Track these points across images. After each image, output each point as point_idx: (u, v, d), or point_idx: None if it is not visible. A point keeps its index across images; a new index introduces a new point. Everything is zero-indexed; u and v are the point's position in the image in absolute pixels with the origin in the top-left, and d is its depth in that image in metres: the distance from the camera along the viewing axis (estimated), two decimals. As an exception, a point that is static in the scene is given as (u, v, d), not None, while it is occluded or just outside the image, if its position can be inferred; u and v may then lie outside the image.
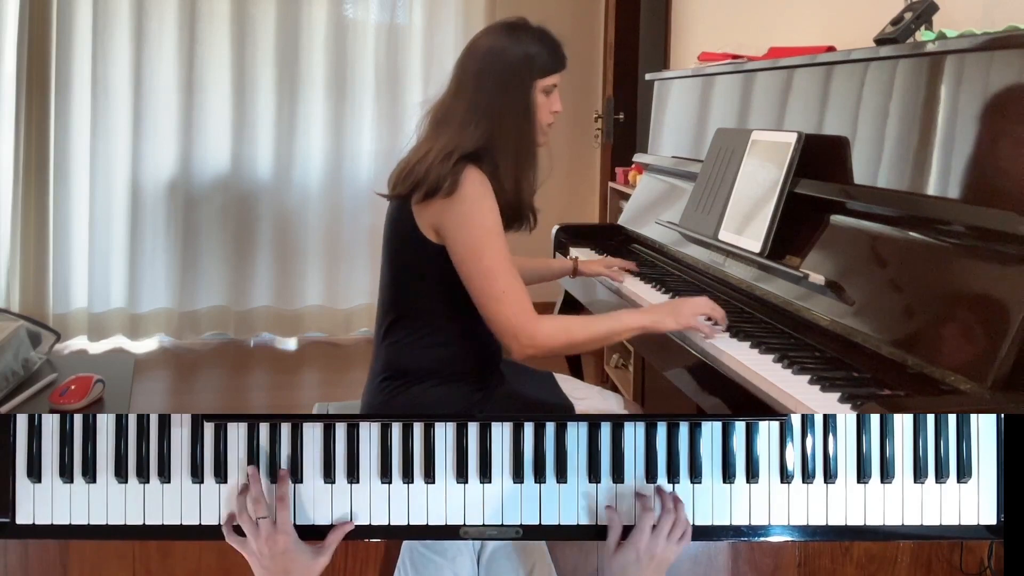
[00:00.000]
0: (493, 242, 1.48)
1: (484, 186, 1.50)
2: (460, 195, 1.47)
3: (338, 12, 4.14)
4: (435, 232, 1.53)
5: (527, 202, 1.59)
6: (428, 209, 1.51)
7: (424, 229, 1.53)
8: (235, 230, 4.14)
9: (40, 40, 3.75)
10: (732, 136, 2.01)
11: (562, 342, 1.51)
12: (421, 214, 1.53)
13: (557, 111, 1.61)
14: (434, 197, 1.48)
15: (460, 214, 1.48)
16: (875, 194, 1.54)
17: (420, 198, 1.50)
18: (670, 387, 1.83)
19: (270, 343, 4.27)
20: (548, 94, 1.59)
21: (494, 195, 1.51)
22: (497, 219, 1.50)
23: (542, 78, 1.57)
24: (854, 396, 1.25)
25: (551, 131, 1.65)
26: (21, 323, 1.99)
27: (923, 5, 1.64)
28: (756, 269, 1.76)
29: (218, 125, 4.06)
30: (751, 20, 2.83)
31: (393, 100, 4.17)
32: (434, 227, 1.52)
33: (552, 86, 1.59)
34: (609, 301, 2.07)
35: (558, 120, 1.66)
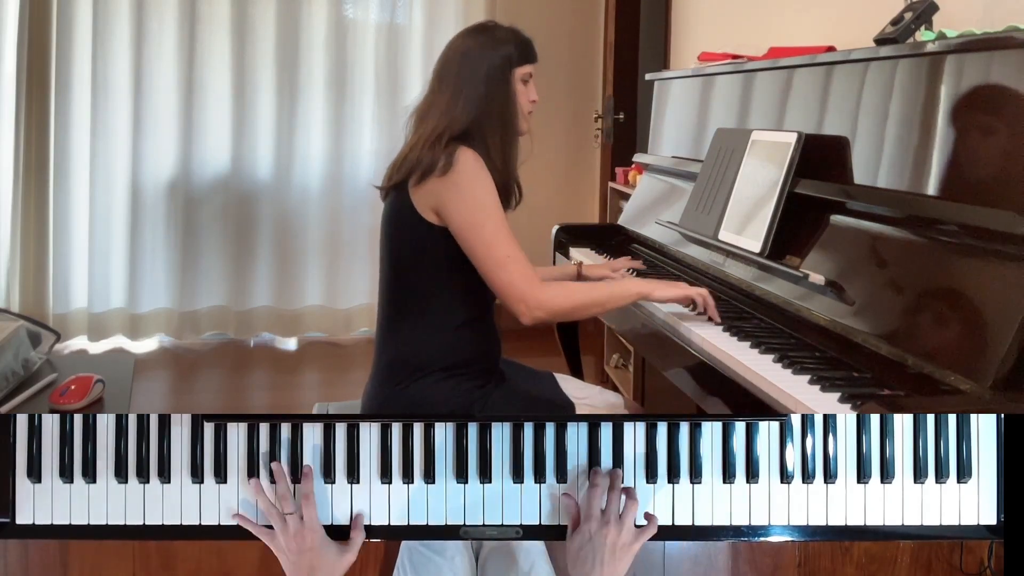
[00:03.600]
0: (493, 213, 1.53)
1: (478, 162, 1.55)
2: (456, 172, 1.52)
3: (338, 12, 4.13)
4: (434, 213, 1.56)
5: (514, 177, 1.66)
6: (426, 191, 1.55)
7: (423, 211, 1.57)
8: (235, 230, 4.14)
9: (40, 40, 3.75)
10: (732, 136, 2.00)
11: (567, 304, 1.56)
12: (419, 197, 1.56)
13: (534, 100, 1.67)
14: (430, 177, 1.53)
15: (458, 190, 1.53)
16: (875, 194, 1.54)
17: (417, 180, 1.55)
18: (670, 387, 1.83)
19: (270, 343, 4.27)
20: (525, 83, 1.66)
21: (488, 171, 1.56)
22: (494, 192, 1.56)
23: (519, 66, 1.64)
24: (854, 396, 1.25)
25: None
26: (21, 323, 1.99)
27: (923, 5, 1.64)
28: (756, 269, 1.76)
29: (218, 125, 4.06)
30: (751, 20, 2.83)
31: (393, 100, 4.17)
32: (433, 208, 1.56)
33: (528, 75, 1.66)
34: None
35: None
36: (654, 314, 1.77)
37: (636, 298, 1.64)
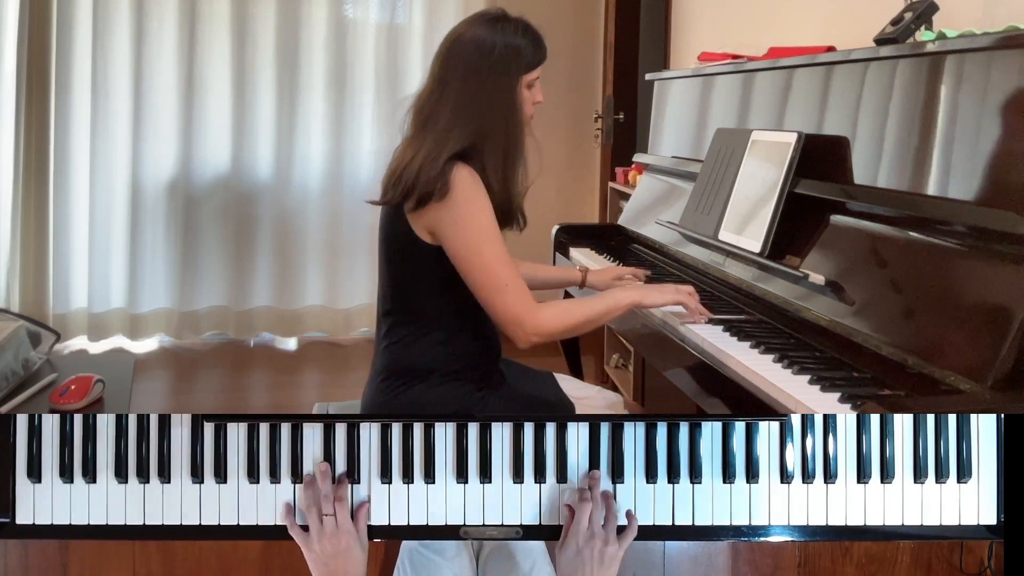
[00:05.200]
0: (490, 237, 1.50)
1: (475, 183, 1.50)
2: (453, 196, 1.47)
3: (338, 12, 4.13)
4: (430, 235, 1.53)
5: (516, 202, 1.59)
6: (422, 214, 1.51)
7: (419, 232, 1.54)
8: (235, 230, 4.14)
9: (40, 40, 3.75)
10: (732, 136, 2.00)
11: (564, 325, 1.54)
12: (415, 219, 1.53)
13: (539, 101, 1.61)
14: (427, 204, 1.48)
15: (455, 215, 1.49)
16: (875, 194, 1.54)
17: (413, 206, 1.50)
18: (670, 387, 1.83)
19: (270, 343, 4.27)
20: (531, 87, 1.59)
21: (485, 191, 1.51)
22: (491, 214, 1.51)
23: (527, 72, 1.57)
24: (854, 396, 1.25)
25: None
26: (21, 323, 1.99)
27: (923, 5, 1.64)
28: (756, 269, 1.76)
29: (218, 125, 4.05)
30: (751, 20, 2.83)
31: (393, 100, 4.16)
32: (429, 230, 1.53)
33: (535, 79, 1.59)
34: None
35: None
36: (654, 314, 1.77)
37: (629, 308, 1.62)
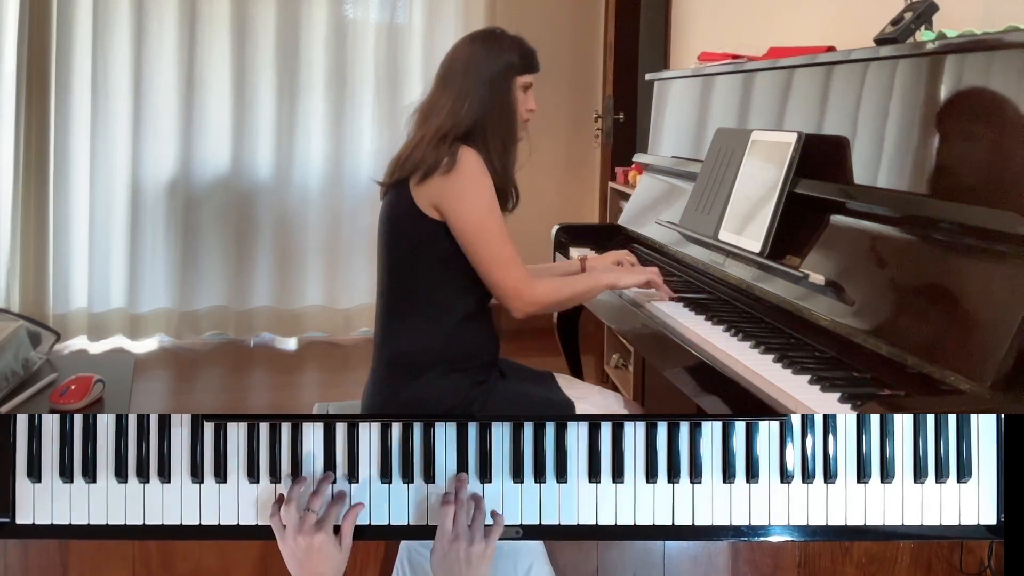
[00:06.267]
0: (494, 215, 1.62)
1: (480, 163, 1.61)
2: (459, 171, 1.58)
3: (338, 12, 4.13)
4: (435, 209, 1.61)
5: (512, 181, 1.73)
6: (427, 188, 1.60)
7: (424, 207, 1.61)
8: (235, 230, 4.14)
9: (40, 40, 3.75)
10: (732, 136, 2.00)
11: (554, 299, 1.71)
12: (420, 194, 1.61)
13: (532, 109, 1.74)
14: (433, 175, 1.59)
15: (461, 189, 1.59)
16: (875, 194, 1.54)
17: (419, 179, 1.60)
18: (670, 387, 1.83)
19: (270, 343, 4.27)
20: (525, 91, 1.72)
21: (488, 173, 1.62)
22: (494, 193, 1.63)
23: (521, 75, 1.71)
24: (854, 396, 1.25)
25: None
26: (21, 323, 1.99)
27: (923, 5, 1.64)
28: (756, 269, 1.76)
29: (218, 125, 4.06)
30: (751, 20, 2.83)
31: (393, 100, 4.17)
32: (434, 204, 1.61)
33: (529, 84, 1.72)
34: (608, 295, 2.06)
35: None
36: (654, 314, 1.77)
37: (607, 288, 1.79)
